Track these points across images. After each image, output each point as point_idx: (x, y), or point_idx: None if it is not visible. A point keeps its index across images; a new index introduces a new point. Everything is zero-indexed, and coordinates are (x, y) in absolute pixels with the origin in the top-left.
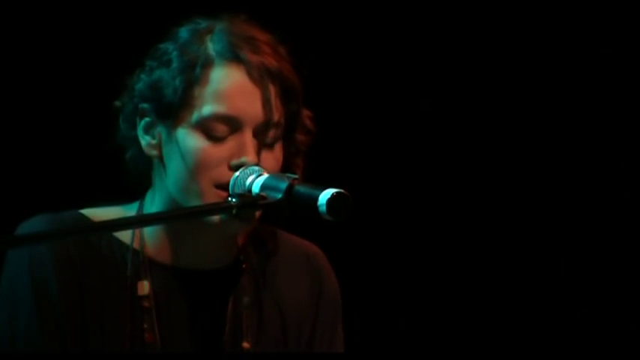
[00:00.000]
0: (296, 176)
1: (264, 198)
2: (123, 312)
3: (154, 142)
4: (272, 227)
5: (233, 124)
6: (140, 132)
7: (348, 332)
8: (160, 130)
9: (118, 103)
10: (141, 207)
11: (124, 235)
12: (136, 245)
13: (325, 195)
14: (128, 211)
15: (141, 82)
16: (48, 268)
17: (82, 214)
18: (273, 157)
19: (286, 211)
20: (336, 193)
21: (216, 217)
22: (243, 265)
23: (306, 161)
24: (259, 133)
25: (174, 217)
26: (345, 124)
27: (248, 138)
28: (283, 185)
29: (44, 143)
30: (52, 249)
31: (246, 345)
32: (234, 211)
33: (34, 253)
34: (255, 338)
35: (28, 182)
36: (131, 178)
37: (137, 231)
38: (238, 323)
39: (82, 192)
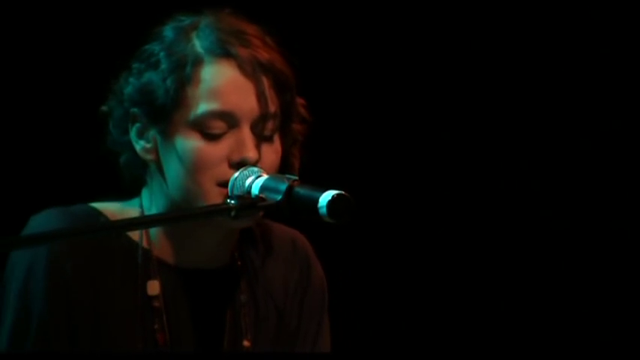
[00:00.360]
0: (296, 177)
1: (263, 199)
2: (133, 311)
3: (148, 146)
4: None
5: (229, 120)
6: (133, 137)
7: (346, 331)
8: (155, 133)
9: (105, 108)
10: (141, 206)
11: (133, 233)
12: (144, 244)
13: (326, 197)
14: (128, 207)
15: (130, 86)
16: (65, 260)
17: (92, 208)
18: (273, 150)
19: (286, 213)
20: (337, 195)
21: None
22: (239, 263)
23: (303, 151)
24: (257, 127)
25: (172, 220)
26: (347, 124)
27: (246, 133)
28: (283, 187)
29: (31, 145)
30: (68, 243)
31: (246, 343)
32: (232, 213)
33: (52, 247)
34: (254, 336)
35: (20, 183)
36: (126, 181)
37: (144, 231)
38: (238, 322)
39: (76, 189)
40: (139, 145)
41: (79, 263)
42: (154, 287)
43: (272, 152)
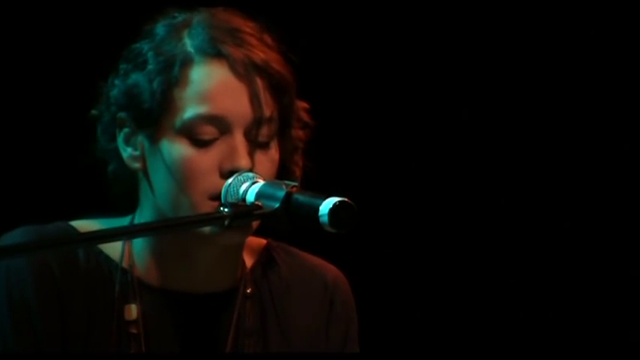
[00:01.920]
0: (295, 184)
1: (259, 207)
2: (107, 337)
3: (135, 153)
4: (287, 246)
5: (220, 125)
6: (120, 143)
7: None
8: (142, 139)
9: (94, 112)
10: (132, 222)
11: (113, 252)
12: (125, 264)
13: (327, 204)
14: (117, 224)
15: (116, 89)
16: (26, 284)
17: (70, 226)
18: (268, 158)
19: (284, 222)
20: (339, 202)
21: (206, 229)
22: (249, 290)
23: (305, 159)
24: (250, 132)
25: (159, 229)
26: (349, 126)
27: (238, 140)
28: (281, 193)
29: (28, 156)
30: (31, 264)
31: None
32: (226, 222)
33: (12, 269)
34: None
35: (15, 194)
36: (116, 193)
37: (127, 249)
38: (240, 351)
39: (71, 206)
40: (126, 153)
41: (44, 284)
42: (131, 312)
43: (267, 160)
